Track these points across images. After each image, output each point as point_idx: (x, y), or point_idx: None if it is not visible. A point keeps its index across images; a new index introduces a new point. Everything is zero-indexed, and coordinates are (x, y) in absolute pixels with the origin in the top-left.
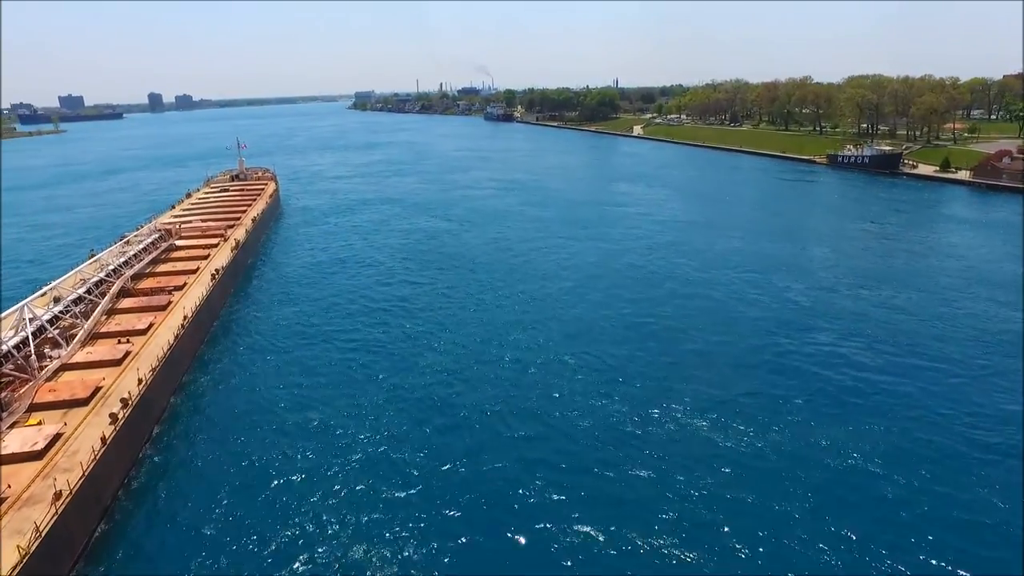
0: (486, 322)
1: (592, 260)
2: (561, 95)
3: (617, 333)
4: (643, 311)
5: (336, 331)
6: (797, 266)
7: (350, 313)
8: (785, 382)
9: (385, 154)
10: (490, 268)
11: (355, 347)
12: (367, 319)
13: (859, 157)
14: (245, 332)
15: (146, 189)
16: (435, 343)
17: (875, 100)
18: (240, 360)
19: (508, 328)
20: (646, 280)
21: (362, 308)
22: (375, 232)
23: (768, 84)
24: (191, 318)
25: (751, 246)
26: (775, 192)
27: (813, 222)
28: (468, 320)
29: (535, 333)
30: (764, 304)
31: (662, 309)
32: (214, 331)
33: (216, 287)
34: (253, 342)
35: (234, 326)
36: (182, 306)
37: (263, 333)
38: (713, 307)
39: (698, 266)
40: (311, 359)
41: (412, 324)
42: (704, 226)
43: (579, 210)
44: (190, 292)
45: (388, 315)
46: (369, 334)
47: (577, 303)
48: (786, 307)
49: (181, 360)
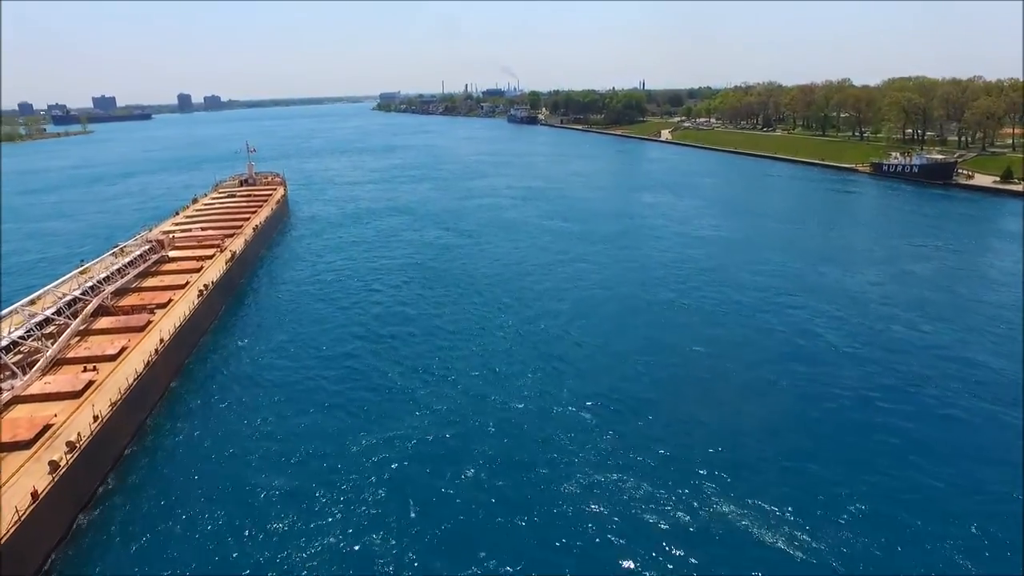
0: (491, 366)
1: (618, 287)
2: (586, 97)
3: (647, 385)
4: (677, 359)
5: (322, 373)
6: (848, 295)
7: (342, 347)
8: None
9: (402, 158)
10: (501, 296)
11: (341, 393)
12: (359, 358)
13: (907, 166)
14: (224, 364)
15: (154, 194)
16: (430, 392)
17: (922, 104)
18: (212, 400)
19: (516, 375)
20: (679, 314)
21: (356, 342)
22: (381, 246)
23: (803, 87)
24: (168, 342)
25: (794, 269)
26: (815, 204)
27: (860, 240)
28: (472, 362)
29: (546, 384)
30: (818, 349)
31: (697, 353)
32: (191, 360)
33: (202, 305)
34: (231, 377)
35: (214, 356)
36: (160, 328)
37: (243, 367)
38: (758, 353)
39: (736, 294)
40: (291, 406)
41: (408, 365)
42: (740, 244)
43: (603, 224)
44: (173, 311)
45: (383, 354)
46: (359, 378)
47: (602, 345)
48: (844, 353)
49: (148, 394)
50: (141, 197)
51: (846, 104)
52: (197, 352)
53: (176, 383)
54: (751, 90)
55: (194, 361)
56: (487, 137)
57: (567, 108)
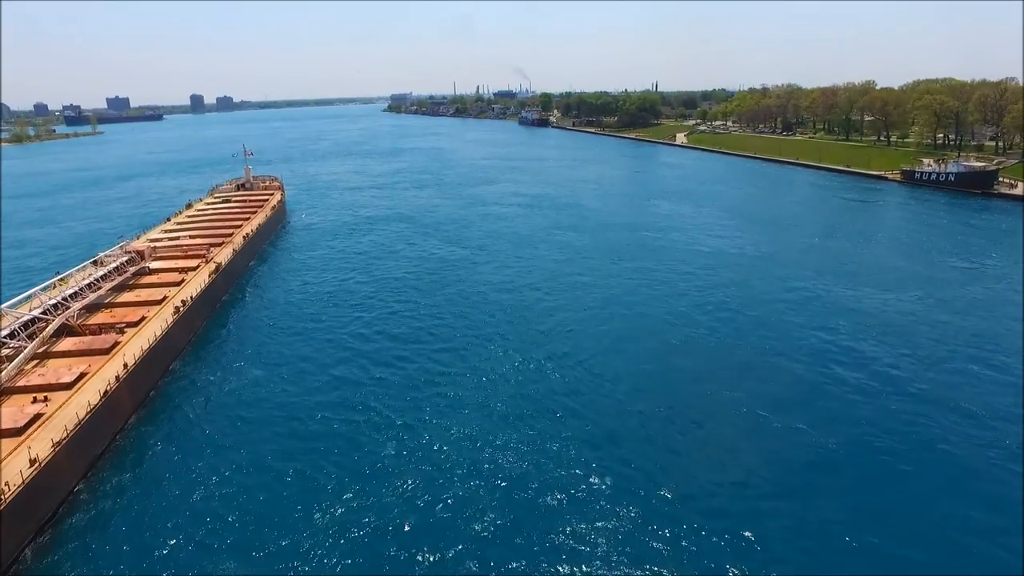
0: (486, 408)
1: (636, 315)
2: (599, 99)
3: (661, 432)
4: (702, 405)
5: (295, 419)
6: (894, 325)
7: (323, 388)
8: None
9: (408, 162)
10: (503, 323)
11: (315, 450)
12: (340, 406)
13: (942, 174)
14: (188, 403)
15: (148, 198)
16: (418, 447)
17: (956, 107)
18: (168, 451)
19: (514, 424)
20: (702, 345)
21: (339, 384)
22: (378, 260)
23: (825, 89)
24: (132, 368)
25: (828, 291)
26: (844, 216)
27: (897, 258)
28: (464, 405)
29: (552, 441)
30: (864, 393)
31: (727, 396)
32: (158, 389)
33: (178, 324)
34: (194, 419)
35: (183, 385)
36: (123, 354)
37: (213, 403)
38: (796, 402)
39: (765, 323)
40: (252, 468)
41: (395, 414)
42: (768, 262)
43: (618, 237)
44: (144, 331)
45: (369, 397)
46: (339, 427)
47: (613, 385)
48: (891, 397)
49: (97, 436)
50: (134, 202)
51: (873, 107)
52: (166, 379)
53: (136, 418)
54: (769, 92)
55: (161, 390)
56: (496, 140)
57: (579, 110)
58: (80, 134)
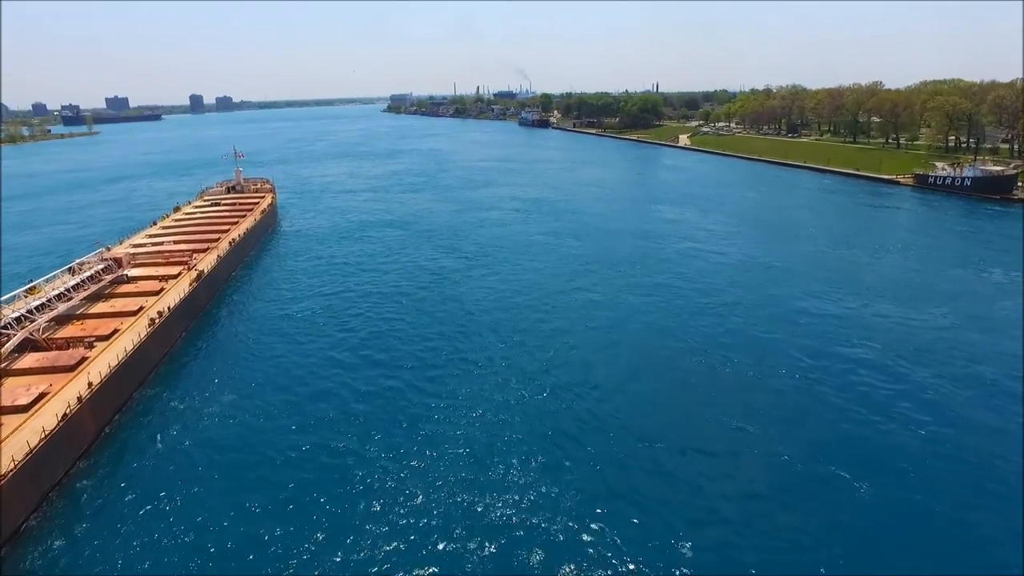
0: (477, 451)
1: (642, 335)
2: (600, 100)
3: (679, 496)
4: (729, 458)
5: (264, 462)
6: (926, 347)
7: (296, 421)
8: None
9: (405, 164)
10: (499, 344)
11: (281, 493)
12: (315, 442)
13: (957, 178)
14: (154, 431)
15: (136, 202)
16: (399, 494)
17: (969, 109)
18: (130, 487)
19: (509, 472)
20: (722, 376)
21: (316, 412)
22: (367, 271)
23: (831, 90)
24: (97, 388)
25: (849, 307)
26: (858, 223)
27: (918, 269)
28: (453, 446)
29: (549, 486)
30: (913, 432)
31: (758, 444)
32: (120, 419)
33: (152, 338)
34: (161, 452)
35: (145, 417)
36: (89, 372)
37: (176, 440)
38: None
39: (786, 349)
40: (218, 517)
41: (374, 454)
42: (780, 274)
43: (621, 245)
44: (115, 345)
45: (347, 431)
46: (306, 475)
47: (620, 421)
48: (944, 437)
49: (52, 466)
50: (120, 206)
51: (882, 109)
52: (135, 400)
53: (97, 446)
54: (773, 93)
55: (129, 413)
56: (495, 141)
57: (580, 111)
58: (75, 134)
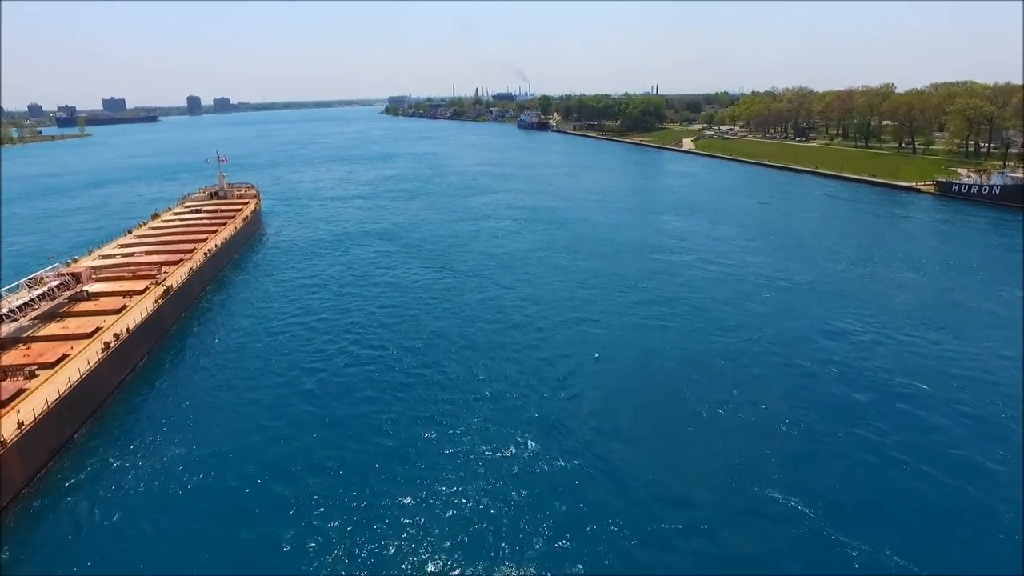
0: (460, 520)
1: (653, 372)
2: (600, 102)
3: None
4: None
5: (207, 541)
6: (988, 386)
7: (252, 489)
8: None
9: (398, 168)
10: (491, 380)
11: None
12: (270, 512)
13: (984, 186)
14: (89, 487)
15: (112, 209)
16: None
17: (990, 112)
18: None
19: (497, 543)
20: (748, 425)
21: (276, 471)
22: (350, 291)
23: (840, 92)
24: (27, 429)
25: (889, 337)
26: (879, 235)
27: (956, 290)
28: (432, 519)
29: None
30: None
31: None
32: (53, 467)
33: (105, 364)
34: (92, 520)
35: (83, 462)
36: (19, 410)
37: (111, 504)
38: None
39: (819, 387)
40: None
41: (338, 533)
42: (804, 295)
43: (626, 261)
44: (60, 374)
45: (307, 502)
46: (259, 556)
47: (633, 490)
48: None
49: None
50: (95, 213)
51: (897, 113)
52: (75, 443)
53: (23, 504)
54: (779, 96)
55: (66, 458)
56: (493, 145)
57: (580, 113)
58: (67, 136)
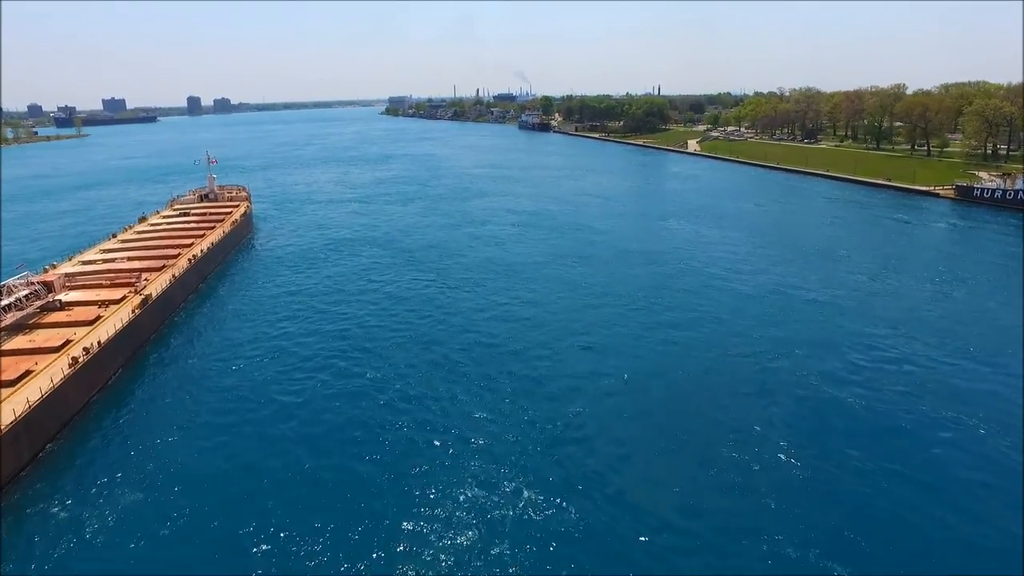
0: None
1: (668, 401)
2: (602, 103)
3: None
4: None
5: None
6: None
7: (223, 534)
8: None
9: (396, 170)
10: (489, 411)
11: None
12: (246, 536)
13: (1009, 191)
14: (45, 526)
15: (97, 212)
16: None
17: (1011, 113)
18: None
19: None
20: (777, 467)
21: (242, 495)
22: (339, 304)
23: (849, 93)
24: None
25: (929, 362)
26: (901, 244)
27: (995, 308)
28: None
29: None
30: None
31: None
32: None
33: (71, 382)
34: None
35: (36, 496)
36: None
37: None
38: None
39: (857, 425)
40: None
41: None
42: (828, 312)
43: (633, 272)
44: (19, 394)
45: (283, 548)
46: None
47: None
48: None
49: None
50: (81, 217)
51: (911, 113)
52: (31, 472)
53: None
54: (786, 97)
55: (20, 488)
56: (494, 146)
57: (581, 114)
58: (63, 137)
